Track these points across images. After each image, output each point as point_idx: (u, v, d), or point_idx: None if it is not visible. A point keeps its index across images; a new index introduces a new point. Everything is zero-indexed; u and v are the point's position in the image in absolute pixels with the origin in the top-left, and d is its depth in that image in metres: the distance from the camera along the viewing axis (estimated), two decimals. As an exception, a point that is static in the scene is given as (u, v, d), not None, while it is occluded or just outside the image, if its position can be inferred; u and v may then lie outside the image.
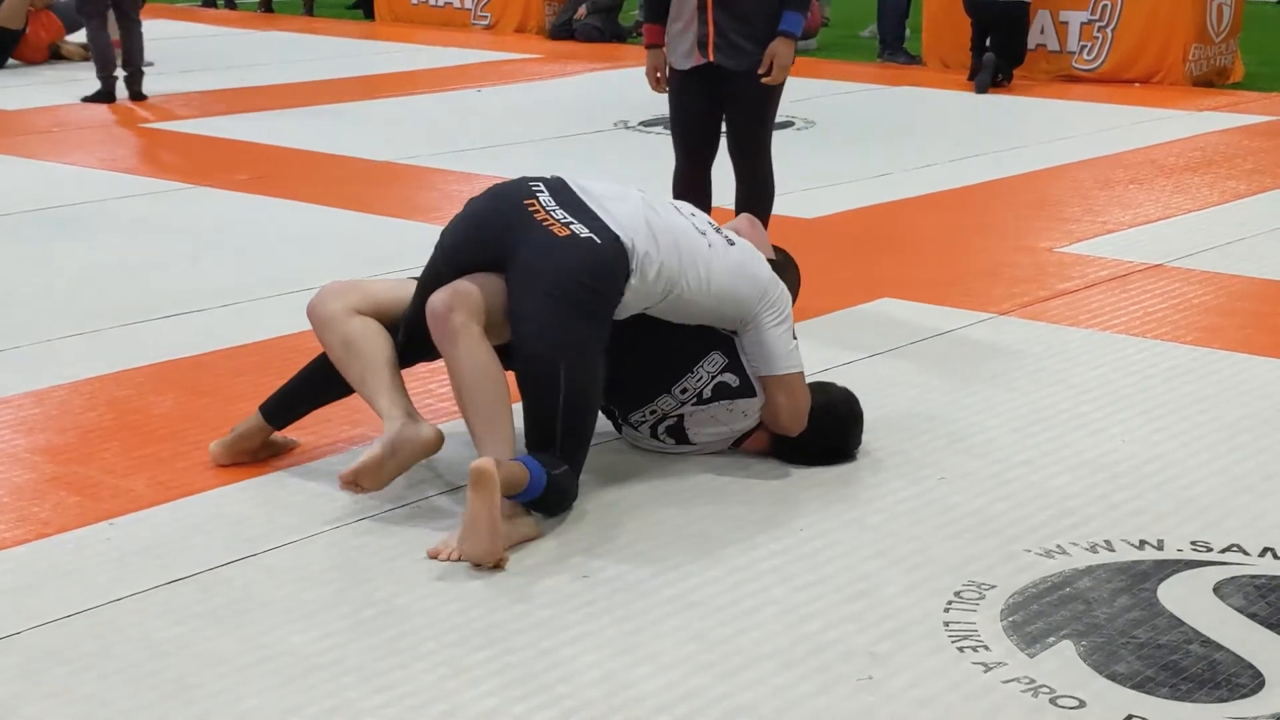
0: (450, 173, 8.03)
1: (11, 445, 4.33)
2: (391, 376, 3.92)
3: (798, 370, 4.07)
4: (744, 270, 4.02)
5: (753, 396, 4.08)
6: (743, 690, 3.02)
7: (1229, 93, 11.13)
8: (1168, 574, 3.49)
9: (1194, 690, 3.00)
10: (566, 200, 3.91)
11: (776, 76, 5.42)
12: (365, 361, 3.93)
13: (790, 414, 4.06)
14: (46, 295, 5.87)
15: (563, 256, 3.76)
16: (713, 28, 5.39)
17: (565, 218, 3.84)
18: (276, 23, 16.17)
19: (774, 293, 4.06)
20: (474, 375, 3.74)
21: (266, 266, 6.25)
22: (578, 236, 3.80)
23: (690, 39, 5.45)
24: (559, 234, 3.80)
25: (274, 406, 4.14)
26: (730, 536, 3.70)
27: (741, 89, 5.47)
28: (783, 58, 5.39)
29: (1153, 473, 4.07)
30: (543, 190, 3.93)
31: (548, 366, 3.71)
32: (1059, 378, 4.82)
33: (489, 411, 3.73)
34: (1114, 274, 6.05)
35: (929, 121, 10.22)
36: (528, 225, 3.83)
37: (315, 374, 4.14)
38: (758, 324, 4.03)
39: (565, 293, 3.74)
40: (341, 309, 4.01)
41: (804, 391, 4.08)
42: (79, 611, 3.33)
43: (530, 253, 3.78)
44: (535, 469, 3.63)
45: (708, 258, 3.96)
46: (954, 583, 3.45)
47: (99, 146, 9.08)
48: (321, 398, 4.18)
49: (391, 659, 3.13)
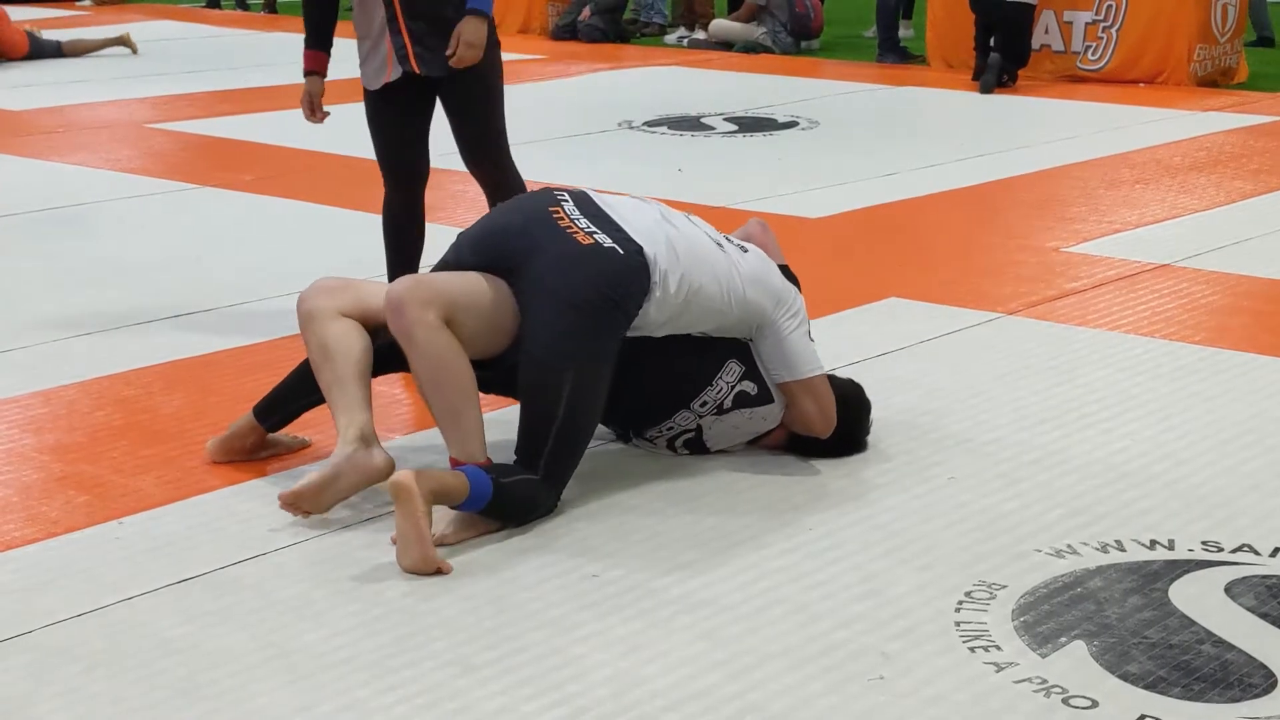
0: (455, 173, 7.99)
1: (20, 445, 4.33)
2: (357, 391, 3.80)
3: (820, 372, 4.07)
4: (759, 278, 4.01)
5: (771, 403, 4.07)
6: (752, 689, 3.01)
7: (1234, 93, 11.12)
8: (1179, 574, 3.48)
9: (1206, 690, 2.99)
10: (590, 210, 3.90)
11: (463, 55, 4.88)
12: (335, 371, 3.82)
13: (820, 417, 4.06)
14: (53, 295, 5.87)
15: (586, 266, 3.74)
16: (408, 36, 4.98)
17: (589, 226, 3.82)
18: (280, 24, 16.16)
19: (789, 298, 4.06)
20: (435, 369, 3.70)
21: (273, 266, 6.25)
22: (601, 246, 3.78)
23: (382, 54, 5.03)
24: (583, 241, 3.78)
25: (264, 407, 4.13)
26: (740, 535, 3.70)
27: (457, 94, 5.06)
28: (470, 34, 4.87)
29: (1162, 472, 4.07)
30: (567, 199, 3.93)
31: (553, 375, 3.69)
32: (1067, 377, 4.82)
33: (452, 405, 3.72)
34: (1121, 274, 6.04)
35: (934, 121, 10.22)
36: (551, 231, 3.81)
37: (304, 375, 4.05)
38: (775, 330, 4.01)
39: (586, 302, 3.71)
40: (327, 308, 3.89)
41: (829, 392, 4.07)
42: (89, 610, 3.33)
43: (551, 260, 3.75)
44: (477, 477, 3.57)
45: (726, 266, 3.95)
46: (964, 582, 3.44)
47: (105, 147, 9.08)
48: (311, 397, 4.06)
49: (401, 657, 3.13)
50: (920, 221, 7.15)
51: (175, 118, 10.06)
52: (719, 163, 8.44)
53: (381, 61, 5.07)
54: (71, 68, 12.61)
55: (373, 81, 5.12)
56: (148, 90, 11.20)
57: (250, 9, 17.73)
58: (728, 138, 9.20)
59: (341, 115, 8.71)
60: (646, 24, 14.82)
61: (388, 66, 5.05)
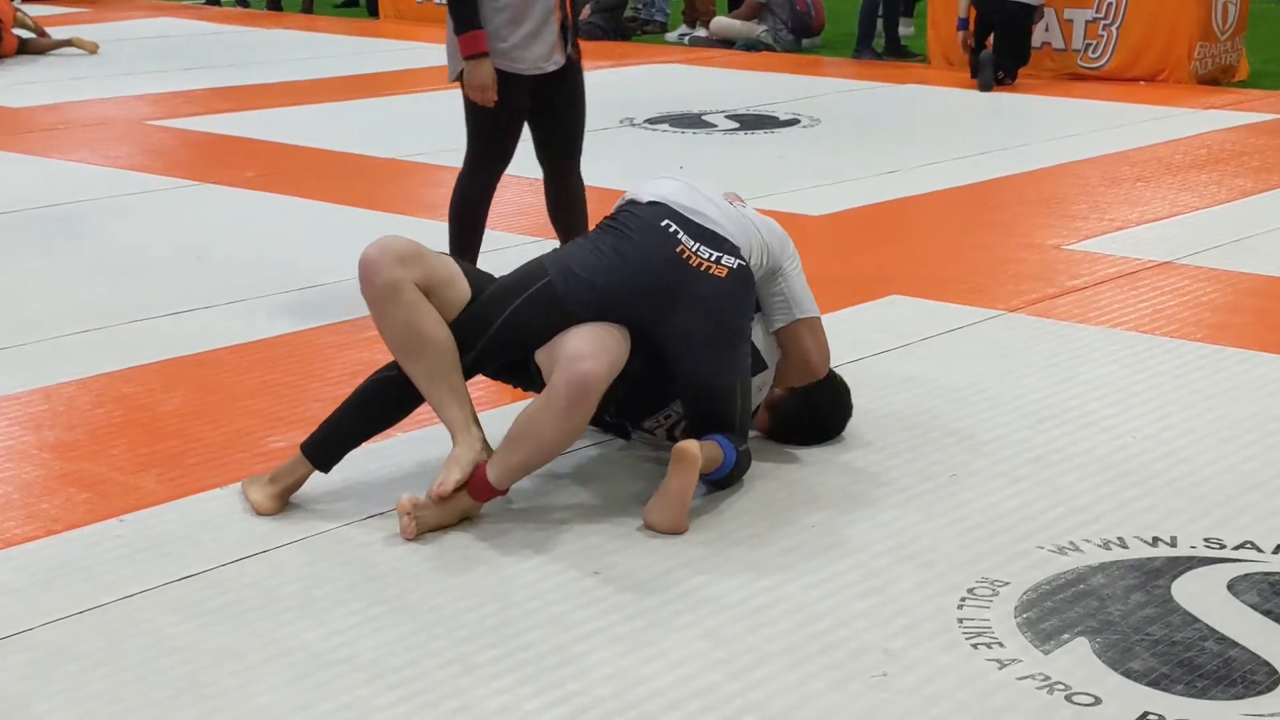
0: (455, 170, 8.02)
1: (20, 442, 4.32)
2: (460, 382, 3.80)
3: (819, 313, 4.19)
4: (769, 224, 4.15)
5: (765, 369, 4.13)
6: (754, 687, 3.01)
7: (1234, 91, 11.10)
8: (1181, 571, 3.48)
9: (1210, 687, 2.99)
10: (694, 230, 3.95)
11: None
12: (433, 360, 3.76)
13: (819, 354, 4.18)
14: (53, 292, 5.86)
15: (731, 303, 3.89)
16: (573, 25, 5.16)
17: (711, 254, 3.91)
18: (281, 20, 16.15)
19: (790, 243, 4.19)
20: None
21: (274, 263, 6.24)
22: (733, 271, 3.90)
23: (549, 40, 5.13)
24: (719, 275, 3.88)
25: (320, 447, 3.84)
26: (741, 533, 3.70)
27: (571, 84, 5.26)
28: None
29: (1164, 469, 4.06)
30: (680, 232, 3.94)
31: (730, 397, 3.89)
32: (1068, 375, 4.81)
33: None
34: (1122, 271, 6.03)
35: (934, 119, 10.20)
36: (686, 273, 3.87)
37: (361, 408, 3.87)
38: (784, 273, 4.12)
39: (739, 330, 3.92)
40: (405, 279, 3.75)
41: (824, 332, 4.21)
42: (89, 608, 3.32)
43: (702, 304, 3.84)
44: (728, 447, 3.83)
45: (753, 225, 4.07)
46: (967, 579, 3.44)
47: (104, 144, 9.07)
48: (371, 431, 3.92)
49: (402, 655, 3.12)
50: (921, 219, 7.14)
51: (175, 114, 10.05)
52: (720, 160, 8.43)
53: (549, 48, 5.14)
54: (72, 67, 12.59)
55: (536, 65, 5.14)
56: (147, 87, 11.18)
57: (250, 6, 17.71)
58: (729, 135, 9.19)
59: (347, 112, 8.72)
60: (648, 21, 14.80)
61: (556, 53, 5.15)
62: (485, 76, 5.08)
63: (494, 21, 5.10)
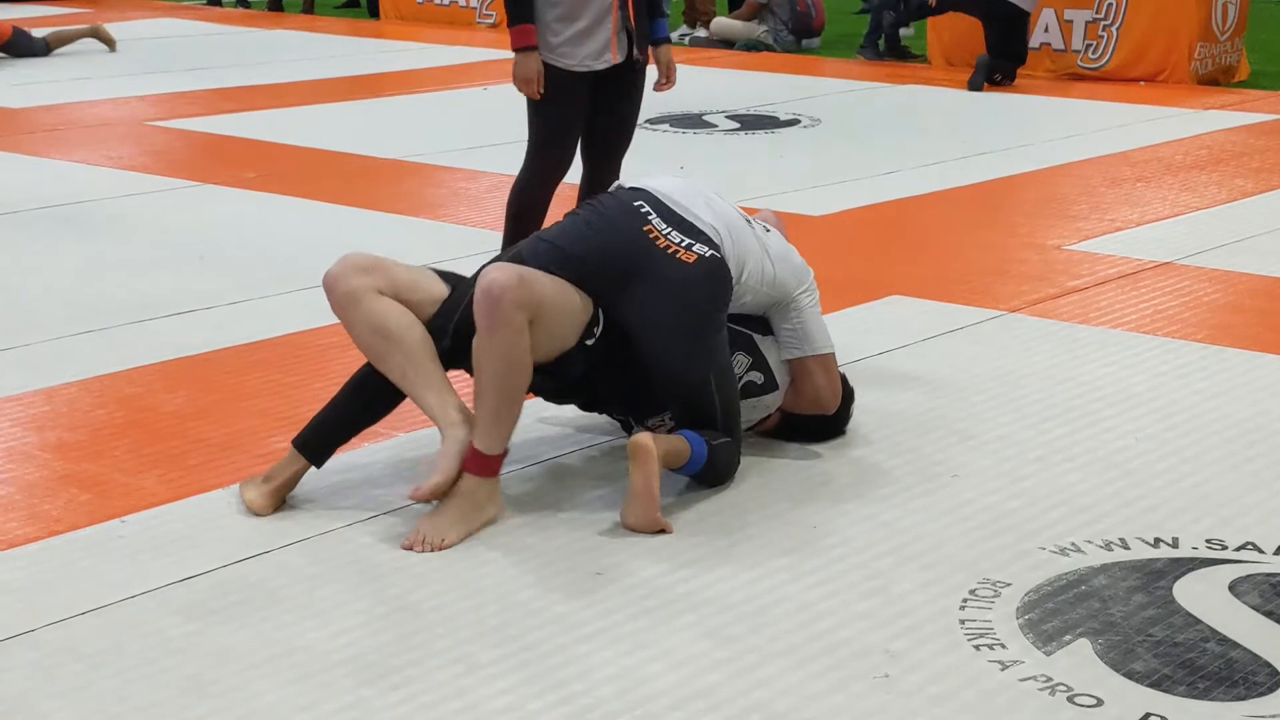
0: (457, 170, 8.03)
1: (22, 443, 4.32)
2: (438, 370, 3.76)
3: (833, 349, 4.20)
4: (786, 256, 4.14)
5: (775, 390, 4.12)
6: (756, 688, 3.01)
7: (1235, 91, 11.11)
8: (1183, 572, 3.48)
9: (1212, 688, 2.99)
10: (672, 218, 3.94)
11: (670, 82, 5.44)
12: (406, 352, 3.74)
13: (830, 391, 4.19)
14: (54, 293, 5.86)
15: (696, 289, 3.85)
16: (634, 23, 5.19)
17: (682, 239, 3.89)
18: (283, 21, 16.15)
19: (809, 277, 4.19)
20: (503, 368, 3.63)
21: (274, 264, 6.24)
22: (703, 258, 3.87)
23: (605, 37, 5.17)
24: (687, 259, 3.85)
25: (311, 442, 3.85)
26: (744, 533, 3.70)
27: (632, 83, 5.33)
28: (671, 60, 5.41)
29: (1165, 470, 4.07)
30: (651, 213, 3.94)
31: (702, 389, 3.89)
32: (1069, 375, 4.81)
33: (503, 401, 3.67)
34: (1123, 271, 6.04)
35: (935, 119, 10.20)
36: (653, 254, 3.86)
37: (350, 400, 3.90)
38: (799, 307, 4.12)
39: (705, 317, 3.88)
40: (368, 287, 3.78)
41: (837, 367, 4.23)
42: (92, 609, 3.32)
43: (664, 284, 3.82)
44: (696, 441, 3.81)
45: (758, 247, 4.05)
46: (969, 580, 3.44)
47: (105, 144, 9.07)
48: (362, 423, 3.93)
49: (405, 655, 3.13)
50: (922, 219, 7.14)
51: (176, 115, 10.06)
52: (721, 160, 8.43)
53: (604, 44, 5.16)
54: (71, 66, 12.59)
55: (589, 62, 5.18)
56: (148, 88, 11.18)
57: (251, 6, 17.71)
58: (729, 135, 9.19)
59: (348, 113, 8.73)
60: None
61: (611, 50, 5.17)
62: (530, 70, 5.19)
63: (546, 16, 5.16)
